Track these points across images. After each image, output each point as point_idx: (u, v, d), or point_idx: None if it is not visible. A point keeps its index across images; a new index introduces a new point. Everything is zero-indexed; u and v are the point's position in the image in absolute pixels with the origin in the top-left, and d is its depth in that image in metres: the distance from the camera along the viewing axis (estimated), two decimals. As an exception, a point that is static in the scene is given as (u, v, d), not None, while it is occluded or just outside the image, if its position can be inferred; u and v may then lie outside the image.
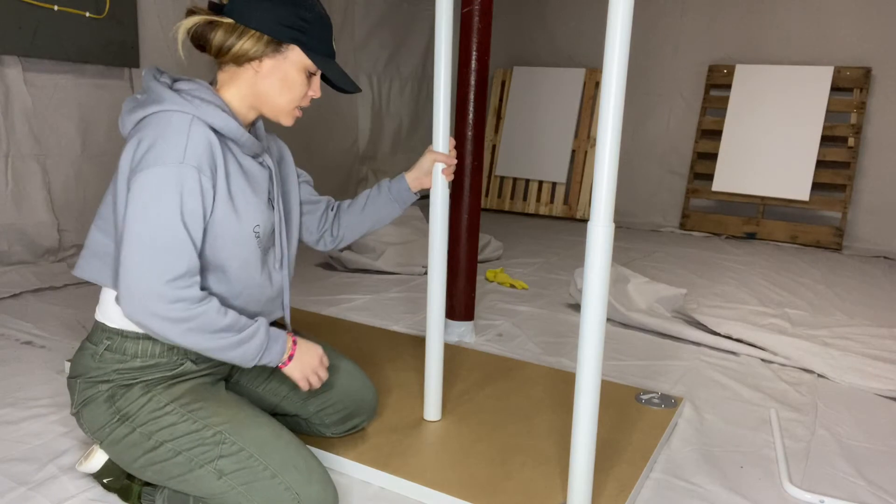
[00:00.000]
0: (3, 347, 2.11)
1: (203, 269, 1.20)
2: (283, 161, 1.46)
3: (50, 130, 2.96)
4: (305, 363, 1.29)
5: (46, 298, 2.61)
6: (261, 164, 1.31)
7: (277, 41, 1.22)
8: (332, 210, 1.56)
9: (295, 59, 1.24)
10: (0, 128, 2.78)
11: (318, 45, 1.26)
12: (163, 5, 3.33)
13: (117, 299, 1.15)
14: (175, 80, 1.24)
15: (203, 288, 1.21)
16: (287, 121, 1.31)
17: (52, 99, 2.96)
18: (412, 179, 1.56)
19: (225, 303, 1.23)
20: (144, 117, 1.17)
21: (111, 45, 3.08)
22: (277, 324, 1.43)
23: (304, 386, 1.29)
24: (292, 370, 1.28)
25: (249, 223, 1.25)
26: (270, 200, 1.33)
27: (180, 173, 1.11)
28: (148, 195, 1.10)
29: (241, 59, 1.23)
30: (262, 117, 1.36)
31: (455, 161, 1.56)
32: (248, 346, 1.20)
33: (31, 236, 2.90)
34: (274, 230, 1.35)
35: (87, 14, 2.95)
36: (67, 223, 3.03)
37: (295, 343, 1.28)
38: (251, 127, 1.34)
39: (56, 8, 2.82)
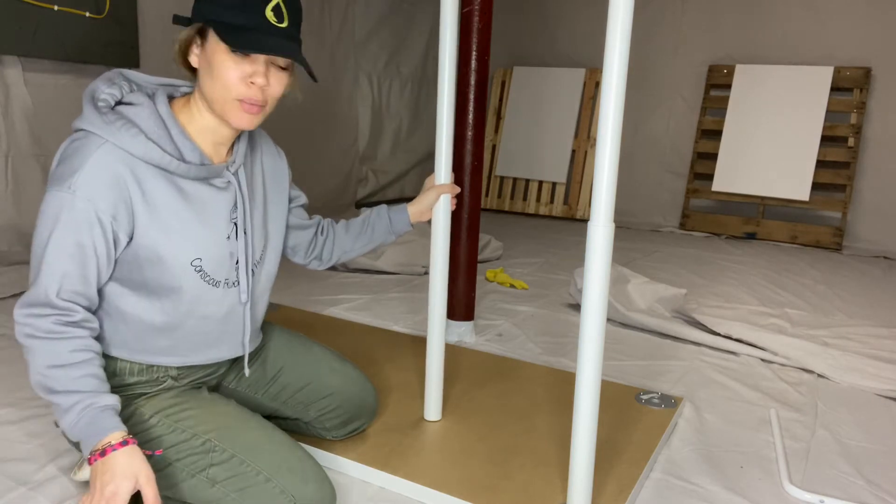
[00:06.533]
0: (3, 347, 2.11)
1: (137, 289, 1.15)
2: (273, 180, 1.36)
3: (50, 130, 2.96)
4: (106, 473, 1.01)
5: (46, 298, 2.60)
6: (221, 187, 1.20)
7: (197, 26, 1.12)
8: (321, 234, 1.51)
9: (213, 39, 1.10)
10: (0, 128, 2.78)
11: (226, 12, 1.08)
12: (163, 5, 3.33)
13: None
14: (133, 91, 1.17)
15: (130, 312, 1.15)
16: (237, 119, 1.13)
17: (52, 99, 2.96)
18: (415, 213, 1.52)
19: (164, 330, 1.18)
20: (74, 131, 1.13)
21: (111, 45, 3.08)
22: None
23: (85, 500, 1.02)
24: (88, 472, 1.06)
25: (185, 256, 1.15)
26: (236, 227, 1.22)
27: (64, 201, 1.06)
28: (43, 214, 1.09)
29: (183, 59, 1.16)
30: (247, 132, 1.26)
31: (458, 189, 1.55)
32: (62, 415, 1.06)
33: (31, 236, 2.89)
34: (237, 260, 1.24)
35: (87, 14, 2.95)
36: (67, 223, 3.03)
37: (122, 444, 1.03)
38: (233, 144, 1.24)
39: (56, 8, 2.83)
